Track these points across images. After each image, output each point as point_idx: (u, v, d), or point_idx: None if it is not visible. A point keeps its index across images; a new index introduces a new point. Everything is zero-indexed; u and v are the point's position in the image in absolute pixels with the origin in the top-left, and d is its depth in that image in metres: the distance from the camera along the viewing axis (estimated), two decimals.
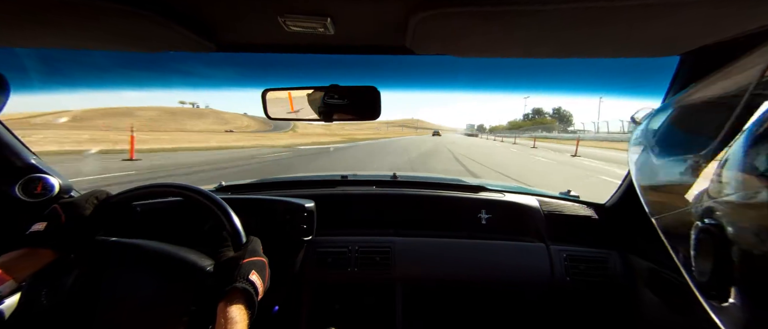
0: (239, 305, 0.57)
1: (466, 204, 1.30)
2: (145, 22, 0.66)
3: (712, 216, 0.39)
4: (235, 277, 0.60)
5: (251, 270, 0.62)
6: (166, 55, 0.88)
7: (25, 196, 1.04)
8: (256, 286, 0.62)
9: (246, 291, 0.59)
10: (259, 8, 0.65)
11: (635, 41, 0.71)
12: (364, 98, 0.93)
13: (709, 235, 0.38)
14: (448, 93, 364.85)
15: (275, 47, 0.87)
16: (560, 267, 1.15)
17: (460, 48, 0.80)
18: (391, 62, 3.99)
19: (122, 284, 0.68)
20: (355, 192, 1.36)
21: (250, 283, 0.61)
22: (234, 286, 0.58)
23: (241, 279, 0.60)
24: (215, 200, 0.72)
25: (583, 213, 1.27)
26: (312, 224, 1.16)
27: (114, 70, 76.39)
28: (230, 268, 0.62)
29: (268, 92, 0.95)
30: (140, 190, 0.76)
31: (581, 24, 0.62)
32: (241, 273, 0.61)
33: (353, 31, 0.75)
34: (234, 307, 0.56)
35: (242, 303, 0.58)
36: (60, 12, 0.62)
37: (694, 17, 0.59)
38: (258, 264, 0.66)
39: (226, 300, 0.57)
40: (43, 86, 2.66)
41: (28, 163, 1.08)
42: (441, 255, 1.20)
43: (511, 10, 0.57)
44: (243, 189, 1.43)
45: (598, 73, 7.19)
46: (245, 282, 0.60)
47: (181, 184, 0.76)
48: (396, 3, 0.60)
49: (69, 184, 1.14)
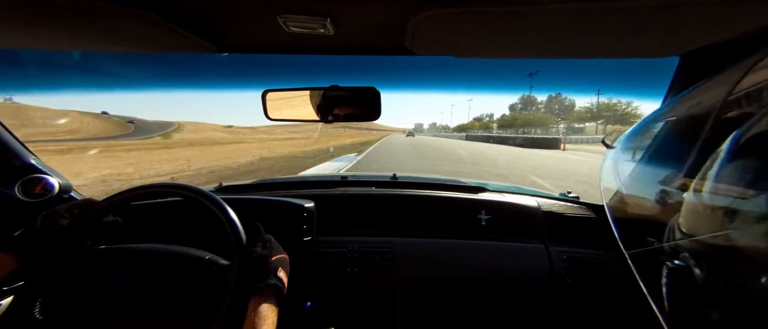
0: (270, 302, 0.58)
1: (465, 205, 1.30)
2: (146, 24, 0.66)
3: (680, 257, 0.39)
4: (267, 274, 0.61)
5: (278, 267, 0.64)
6: (167, 56, 0.88)
7: (24, 196, 1.04)
8: (284, 282, 0.63)
9: (277, 287, 0.61)
10: (260, 9, 0.65)
11: (635, 42, 0.71)
12: (363, 99, 0.94)
13: (678, 277, 0.38)
14: (447, 94, 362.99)
15: (275, 48, 0.87)
16: (560, 268, 1.15)
17: (459, 48, 0.80)
18: (392, 63, 3.99)
19: (119, 290, 0.67)
20: (355, 192, 1.36)
21: (280, 280, 0.62)
22: (267, 283, 0.59)
23: (272, 276, 0.61)
24: (215, 200, 0.72)
25: (582, 214, 1.27)
26: (312, 224, 1.17)
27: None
28: (261, 265, 0.63)
29: (268, 93, 0.95)
30: (141, 190, 0.76)
31: (581, 24, 0.62)
32: (271, 269, 0.62)
33: (353, 31, 0.75)
34: (265, 304, 0.57)
35: (273, 299, 0.59)
36: (61, 13, 0.62)
37: (695, 17, 0.59)
38: (283, 260, 0.67)
39: (258, 297, 0.58)
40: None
41: (27, 163, 1.08)
42: (441, 256, 1.20)
43: (512, 10, 0.57)
44: (243, 189, 1.43)
45: (597, 74, 7.16)
46: (276, 279, 0.61)
47: (181, 185, 0.76)
48: (396, 3, 0.60)
49: (68, 184, 1.14)
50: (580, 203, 1.33)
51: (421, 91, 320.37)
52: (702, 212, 0.38)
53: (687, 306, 0.38)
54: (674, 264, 0.40)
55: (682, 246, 0.41)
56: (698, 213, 0.39)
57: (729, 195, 0.33)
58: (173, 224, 1.13)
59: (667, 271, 0.41)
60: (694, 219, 0.39)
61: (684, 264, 0.39)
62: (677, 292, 0.39)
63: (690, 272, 0.37)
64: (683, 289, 0.38)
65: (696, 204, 0.39)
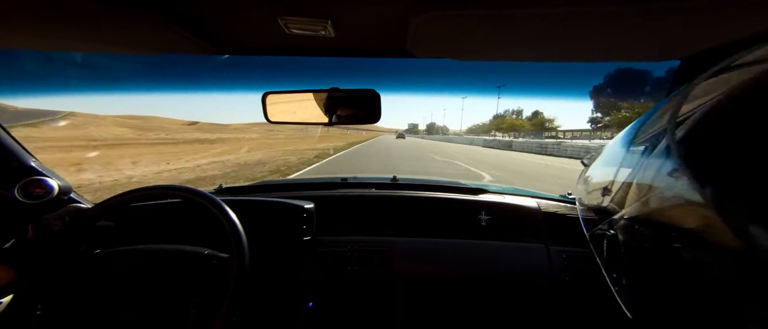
0: None
1: (465, 206, 1.30)
2: (145, 25, 0.66)
3: (614, 227, 0.57)
4: None
5: None
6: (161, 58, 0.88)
7: (24, 198, 1.04)
8: None
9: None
10: (260, 10, 0.65)
11: (636, 45, 0.71)
12: (364, 101, 0.94)
13: (610, 240, 0.58)
14: (446, 96, 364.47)
15: (276, 50, 0.87)
16: (560, 267, 1.15)
17: (460, 51, 0.80)
18: (392, 66, 3.99)
19: (119, 291, 0.67)
20: (355, 194, 1.36)
21: None
22: None
23: None
24: (215, 202, 0.72)
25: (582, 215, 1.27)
26: (311, 225, 1.17)
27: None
28: None
29: (268, 95, 0.95)
30: (143, 192, 0.76)
31: (582, 27, 0.62)
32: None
33: (354, 33, 0.75)
34: None
35: None
36: (60, 14, 0.62)
37: (696, 21, 0.59)
38: None
39: None
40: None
41: (27, 165, 1.08)
42: (440, 256, 1.20)
43: (512, 13, 0.57)
44: (243, 191, 1.43)
45: (595, 77, 7.17)
46: None
47: (180, 186, 0.77)
48: (396, 6, 0.60)
49: (68, 186, 1.14)
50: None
51: (423, 94, 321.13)
52: (631, 191, 0.51)
53: (616, 264, 0.56)
54: (608, 233, 0.58)
55: (614, 221, 0.57)
56: (628, 193, 0.52)
57: (653, 176, 0.44)
58: (169, 226, 1.13)
59: (606, 239, 0.59)
60: (625, 198, 0.53)
61: (613, 231, 0.57)
62: (610, 253, 0.57)
63: (616, 236, 0.55)
64: (613, 249, 0.55)
65: (629, 185, 0.53)
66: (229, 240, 0.70)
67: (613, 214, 0.58)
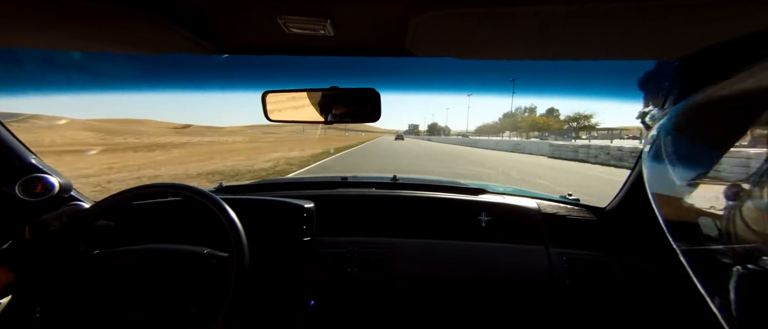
0: None
1: (465, 207, 1.30)
2: (145, 24, 0.66)
3: (758, 262, 0.38)
4: None
5: None
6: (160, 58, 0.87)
7: (25, 196, 1.04)
8: None
9: None
10: (260, 10, 0.65)
11: (636, 44, 0.71)
12: (363, 100, 0.94)
13: (754, 283, 0.37)
14: (448, 95, 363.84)
15: (275, 49, 0.87)
16: (560, 269, 1.15)
17: (459, 50, 0.80)
18: (391, 65, 3.99)
19: (119, 291, 0.67)
20: (355, 193, 1.36)
21: None
22: None
23: None
24: (215, 200, 0.72)
25: (582, 217, 1.26)
26: (311, 225, 1.17)
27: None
28: None
29: (268, 94, 0.95)
30: (144, 190, 0.76)
31: (581, 26, 0.62)
32: None
33: (353, 32, 0.75)
34: None
35: None
36: (60, 13, 0.62)
37: (696, 19, 0.58)
38: None
39: None
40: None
41: (27, 163, 1.08)
42: (440, 257, 1.19)
43: (511, 11, 0.57)
44: (243, 189, 1.43)
45: (594, 76, 7.18)
46: None
47: (180, 185, 0.76)
48: (396, 5, 0.60)
49: (69, 183, 1.14)
50: (580, 205, 1.33)
51: (423, 93, 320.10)
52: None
53: (762, 311, 0.36)
54: (748, 268, 0.38)
55: (756, 251, 0.39)
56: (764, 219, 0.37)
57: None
58: (168, 225, 1.13)
59: (739, 275, 0.39)
60: (762, 224, 0.38)
61: (760, 268, 0.37)
62: (752, 297, 0.38)
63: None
64: (759, 294, 0.36)
65: (760, 210, 0.38)
66: (229, 239, 0.71)
67: (741, 241, 0.44)
